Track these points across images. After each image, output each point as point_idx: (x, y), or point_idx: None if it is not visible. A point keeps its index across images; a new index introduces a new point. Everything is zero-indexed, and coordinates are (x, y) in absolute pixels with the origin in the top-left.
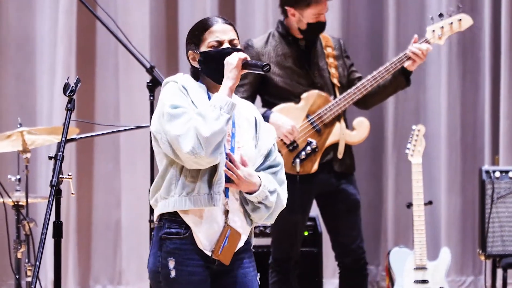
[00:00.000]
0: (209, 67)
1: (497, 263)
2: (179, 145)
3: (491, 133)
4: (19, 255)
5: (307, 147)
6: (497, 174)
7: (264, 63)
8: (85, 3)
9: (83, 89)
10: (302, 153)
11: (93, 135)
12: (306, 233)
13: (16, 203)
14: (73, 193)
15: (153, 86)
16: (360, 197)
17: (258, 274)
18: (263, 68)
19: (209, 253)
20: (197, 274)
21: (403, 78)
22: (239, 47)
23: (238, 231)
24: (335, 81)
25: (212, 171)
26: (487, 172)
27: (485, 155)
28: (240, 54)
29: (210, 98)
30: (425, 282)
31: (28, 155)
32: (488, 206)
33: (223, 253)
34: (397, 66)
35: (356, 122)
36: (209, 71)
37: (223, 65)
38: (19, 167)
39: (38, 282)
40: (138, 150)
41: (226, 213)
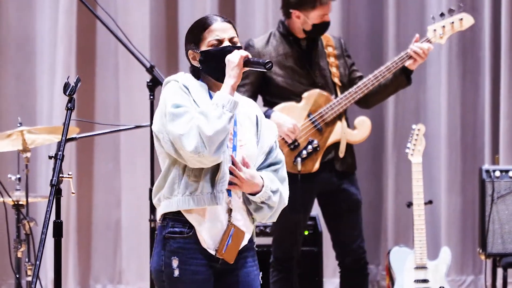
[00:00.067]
0: (210, 66)
1: (497, 263)
2: (182, 144)
3: (491, 132)
4: (19, 255)
5: (309, 146)
6: (497, 173)
7: (266, 61)
8: (85, 3)
9: (83, 89)
10: (303, 152)
11: (93, 134)
12: (306, 233)
13: (16, 203)
14: (73, 193)
15: (153, 85)
16: (361, 196)
17: (260, 273)
18: (265, 65)
19: (213, 252)
20: (201, 273)
21: (404, 77)
22: (239, 44)
23: (241, 229)
24: (336, 80)
25: (215, 170)
26: (487, 171)
27: (485, 154)
28: (241, 52)
29: (211, 96)
30: (425, 281)
31: (28, 155)
32: (488, 205)
33: (227, 251)
34: (398, 65)
35: (357, 121)
36: (210, 70)
37: (225, 64)
38: (19, 166)
39: (38, 281)
40: (138, 149)
41: (229, 211)
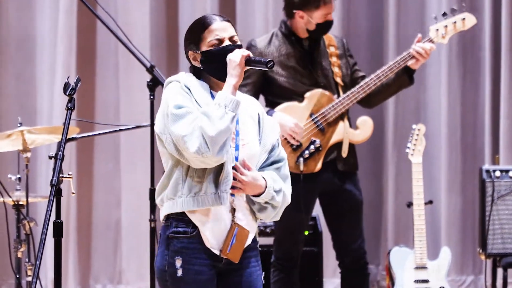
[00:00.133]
0: (212, 66)
1: (497, 263)
2: (185, 145)
3: (491, 132)
4: (20, 255)
5: (311, 146)
6: (497, 173)
7: (267, 59)
8: (86, 2)
9: (83, 89)
10: (305, 152)
11: (93, 134)
12: (306, 233)
13: (16, 203)
14: (73, 193)
15: (153, 85)
16: (362, 197)
17: (263, 273)
18: (267, 64)
19: (217, 252)
20: (204, 273)
21: (407, 76)
22: (239, 43)
23: (245, 228)
24: (339, 80)
25: (218, 170)
26: (487, 171)
27: (485, 154)
28: (242, 51)
29: (213, 96)
30: (425, 281)
31: (28, 155)
32: (488, 205)
33: (232, 251)
34: (401, 65)
35: (359, 121)
36: (212, 70)
37: (226, 63)
38: (19, 166)
39: (38, 281)
40: (138, 149)
41: (232, 211)
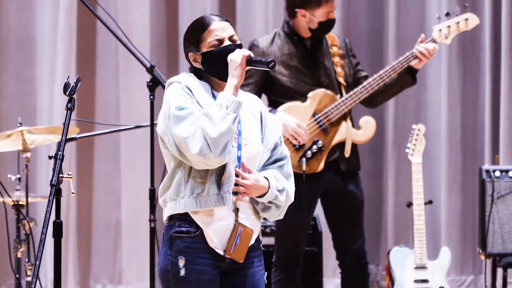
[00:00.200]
0: (213, 67)
1: (497, 263)
2: (187, 147)
3: (491, 132)
4: (19, 255)
5: (313, 146)
6: (497, 173)
7: (269, 59)
8: (86, 2)
9: (83, 89)
10: (308, 152)
11: (93, 134)
12: None
13: (16, 203)
14: (73, 193)
15: (153, 85)
16: (363, 197)
17: (265, 273)
18: (268, 64)
19: (221, 252)
20: (207, 273)
21: (409, 76)
22: (239, 42)
23: (249, 228)
24: (341, 80)
25: (220, 171)
26: (487, 171)
27: (485, 154)
28: (243, 51)
29: (214, 97)
30: (425, 281)
31: (28, 155)
32: (488, 205)
33: (236, 251)
34: (404, 65)
35: (362, 121)
36: (213, 70)
37: (227, 63)
38: (19, 166)
39: (38, 281)
40: (138, 149)
41: (236, 211)
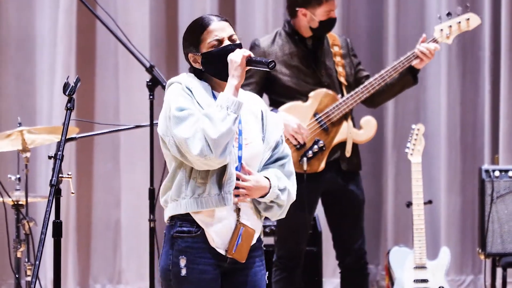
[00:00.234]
0: (213, 67)
1: (496, 262)
2: (188, 148)
3: (491, 132)
4: (19, 255)
5: (314, 146)
6: (497, 173)
7: (269, 60)
8: (85, 2)
9: (83, 89)
10: (309, 152)
11: (93, 134)
12: None
13: (16, 203)
14: (72, 193)
15: (153, 85)
16: (364, 197)
17: (267, 273)
18: (268, 65)
19: (223, 252)
20: (208, 272)
21: (411, 76)
22: (239, 42)
23: (251, 228)
24: (342, 79)
25: (221, 171)
26: (487, 171)
27: (484, 154)
28: (243, 51)
29: (215, 97)
30: (424, 281)
31: (28, 155)
32: (487, 205)
33: (238, 251)
34: (405, 65)
35: (363, 121)
36: (213, 71)
37: (227, 63)
38: (19, 166)
39: (37, 281)
40: (137, 149)
41: (237, 211)
